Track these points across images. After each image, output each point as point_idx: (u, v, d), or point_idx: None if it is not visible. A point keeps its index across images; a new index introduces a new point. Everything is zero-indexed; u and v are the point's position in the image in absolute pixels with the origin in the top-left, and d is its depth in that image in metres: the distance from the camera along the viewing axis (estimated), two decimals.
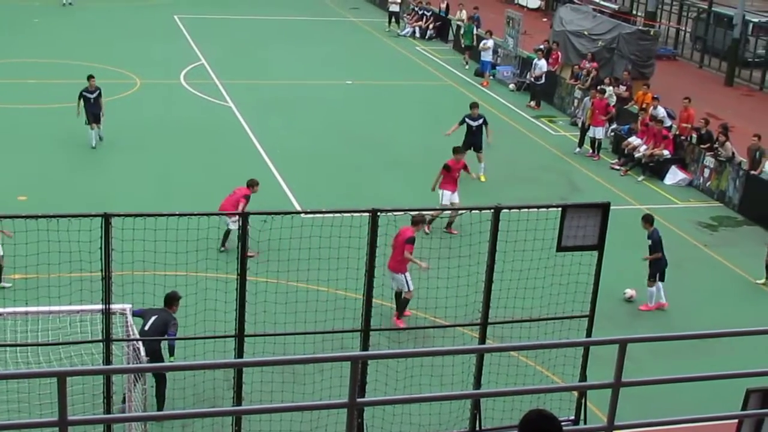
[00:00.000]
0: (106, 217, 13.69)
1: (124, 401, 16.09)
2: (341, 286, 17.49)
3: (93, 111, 29.32)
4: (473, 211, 17.08)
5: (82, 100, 29.36)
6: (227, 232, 22.10)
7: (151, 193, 25.64)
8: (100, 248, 13.72)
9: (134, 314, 16.04)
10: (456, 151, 25.61)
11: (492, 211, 15.11)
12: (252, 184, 23.42)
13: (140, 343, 15.32)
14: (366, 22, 53.39)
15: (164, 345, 16.48)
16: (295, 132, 32.47)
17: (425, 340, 19.48)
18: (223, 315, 15.49)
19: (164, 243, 15.40)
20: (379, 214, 14.79)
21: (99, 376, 15.26)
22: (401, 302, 20.35)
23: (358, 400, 7.75)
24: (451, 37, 49.13)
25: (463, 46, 44.74)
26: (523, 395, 15.12)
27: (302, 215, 19.32)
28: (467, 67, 43.25)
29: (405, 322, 20.30)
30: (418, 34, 49.97)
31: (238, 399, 14.75)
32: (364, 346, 15.22)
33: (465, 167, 25.58)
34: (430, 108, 36.44)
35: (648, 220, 22.36)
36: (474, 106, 29.63)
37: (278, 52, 44.48)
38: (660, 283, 21.97)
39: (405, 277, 20.11)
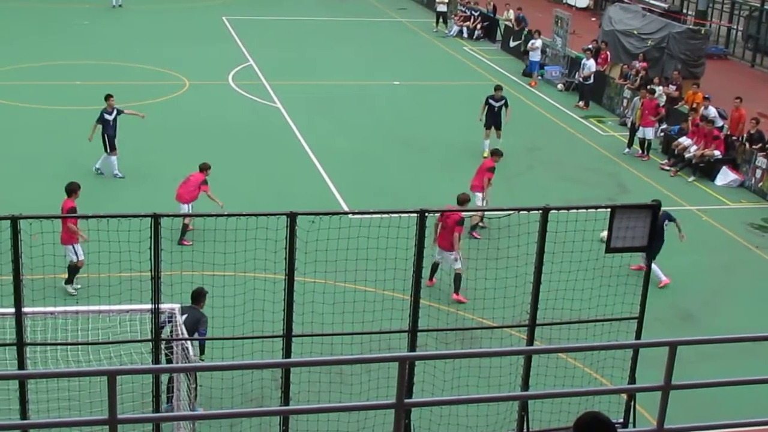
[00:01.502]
0: (156, 217, 13.77)
1: (168, 402, 16.17)
2: (389, 287, 17.48)
3: (110, 133, 27.16)
4: (521, 212, 16.98)
5: (100, 124, 27.14)
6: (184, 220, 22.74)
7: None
8: (150, 248, 13.81)
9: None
10: (496, 153, 25.94)
11: (540, 212, 15.05)
12: (205, 168, 23.99)
13: (189, 342, 15.39)
14: (413, 23, 53.36)
15: (194, 343, 16.52)
16: (343, 132, 32.52)
17: (473, 341, 19.43)
18: (270, 315, 15.52)
19: (212, 243, 15.49)
20: (426, 214, 14.78)
21: (148, 375, 15.38)
22: (455, 278, 21.24)
23: (406, 400, 7.73)
24: (498, 37, 48.97)
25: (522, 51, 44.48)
26: (571, 397, 15.05)
27: (350, 216, 19.34)
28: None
29: (463, 295, 20.91)
30: (465, 34, 49.85)
31: (285, 399, 14.79)
32: (412, 346, 15.20)
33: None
34: (478, 108, 36.34)
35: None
36: (498, 88, 31.32)
37: (326, 52, 44.56)
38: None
39: (457, 254, 21.05)
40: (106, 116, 27.21)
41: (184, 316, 16.45)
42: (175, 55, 41.95)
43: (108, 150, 27.24)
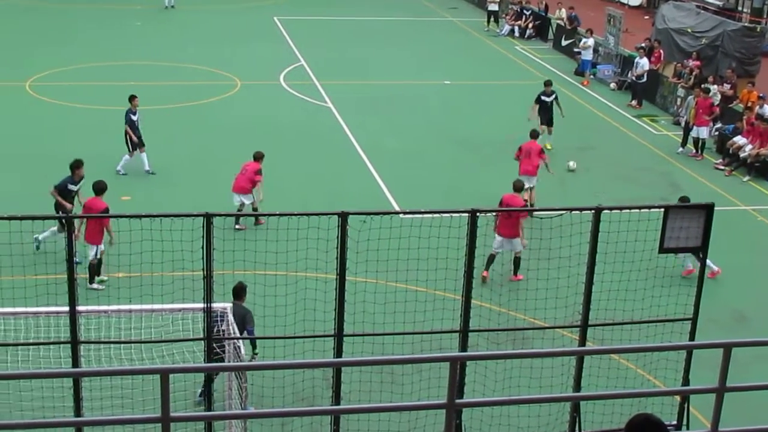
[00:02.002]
0: (208, 217, 13.83)
1: (201, 395, 16.24)
2: (440, 287, 17.45)
3: (136, 134, 27.65)
4: (573, 212, 16.89)
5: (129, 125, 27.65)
6: (242, 206, 23.99)
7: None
8: (202, 247, 13.87)
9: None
10: (535, 134, 27.31)
11: (593, 211, 14.95)
12: (260, 157, 24.75)
13: (241, 341, 15.45)
14: (464, 22, 53.27)
15: (245, 341, 16.61)
16: (394, 132, 32.51)
17: (524, 341, 19.35)
18: (322, 314, 15.55)
19: (264, 242, 15.52)
20: (478, 214, 14.73)
21: (200, 374, 15.46)
22: (516, 261, 22.20)
23: (457, 401, 7.70)
24: (550, 36, 48.77)
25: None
26: (623, 399, 14.94)
27: (401, 215, 19.34)
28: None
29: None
30: (517, 33, 49.69)
31: (336, 398, 14.80)
32: (463, 347, 15.16)
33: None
34: (529, 108, 36.25)
35: (683, 200, 21.94)
36: (547, 84, 31.56)
37: (377, 52, 44.60)
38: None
39: (522, 239, 21.89)
40: (132, 116, 27.62)
41: None
42: (226, 55, 42.18)
43: (131, 149, 27.60)
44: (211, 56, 41.73)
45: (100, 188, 21.29)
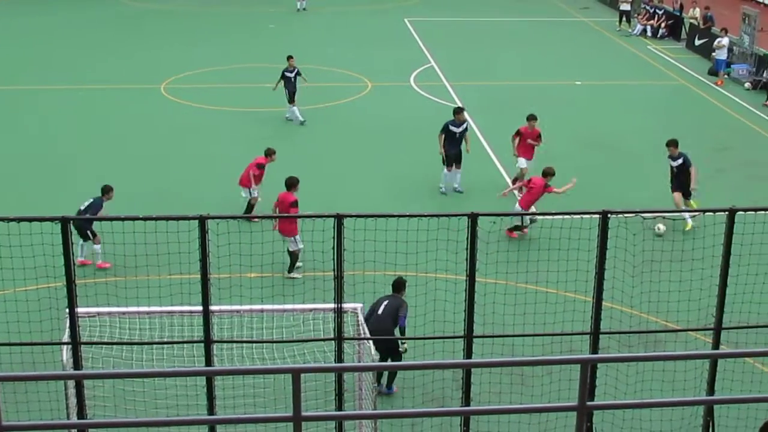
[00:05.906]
0: (339, 218, 13.96)
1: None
2: (570, 288, 17.32)
3: (290, 89, 32.87)
4: (707, 213, 16.62)
5: (282, 80, 32.97)
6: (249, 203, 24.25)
7: (382, 194, 26.05)
8: (333, 248, 14.02)
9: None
10: (530, 117, 27.04)
11: (727, 213, 14.67)
12: (269, 153, 24.88)
13: (371, 342, 15.55)
14: (596, 22, 52.72)
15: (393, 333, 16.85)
16: None
17: (656, 344, 19.09)
18: (452, 315, 15.59)
19: (394, 243, 15.59)
20: (609, 215, 14.58)
21: (330, 374, 15.62)
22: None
23: (588, 403, 7.65)
24: (683, 35, 47.95)
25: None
26: (758, 403, 14.65)
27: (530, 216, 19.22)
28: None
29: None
30: (649, 33, 48.99)
31: (466, 399, 14.82)
32: (594, 349, 15.03)
33: (539, 136, 26.93)
34: (662, 108, 35.69)
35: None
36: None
37: (507, 53, 44.44)
38: None
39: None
40: (287, 74, 32.89)
41: (386, 302, 16.90)
42: (357, 57, 42.52)
43: (290, 101, 32.91)
44: (343, 58, 42.14)
45: (291, 183, 22.00)
